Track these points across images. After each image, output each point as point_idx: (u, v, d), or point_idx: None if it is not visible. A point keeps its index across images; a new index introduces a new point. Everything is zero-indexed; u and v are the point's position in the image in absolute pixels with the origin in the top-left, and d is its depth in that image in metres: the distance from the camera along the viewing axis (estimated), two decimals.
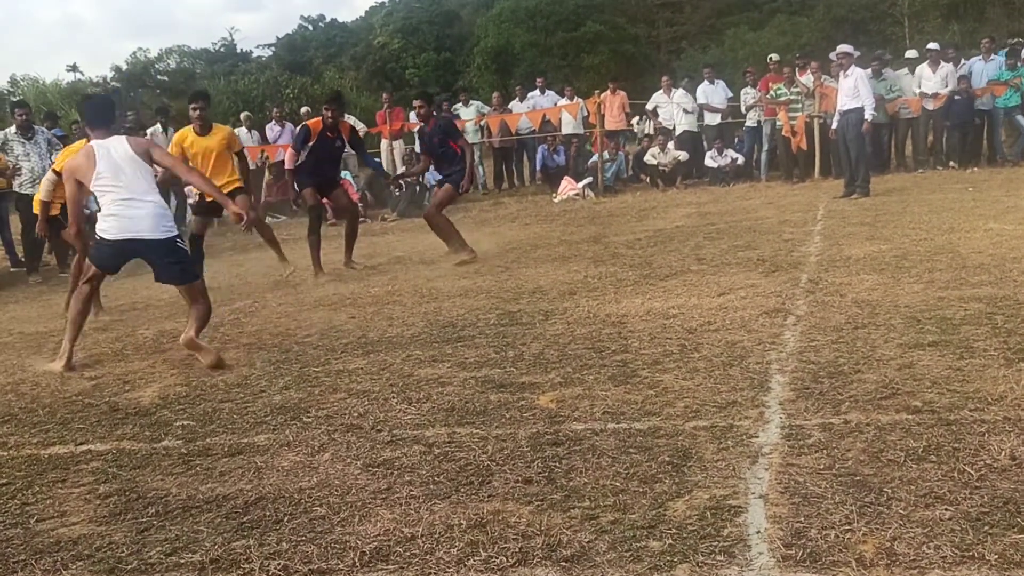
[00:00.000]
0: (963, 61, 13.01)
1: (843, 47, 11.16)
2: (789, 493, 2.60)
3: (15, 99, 19.43)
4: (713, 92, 13.93)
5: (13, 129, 9.98)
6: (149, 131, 12.58)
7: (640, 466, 2.89)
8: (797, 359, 3.95)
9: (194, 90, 8.83)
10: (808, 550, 2.24)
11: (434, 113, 8.65)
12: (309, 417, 3.72)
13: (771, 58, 14.23)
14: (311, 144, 8.02)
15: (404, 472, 3.01)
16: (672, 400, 3.54)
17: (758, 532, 2.36)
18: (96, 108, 5.61)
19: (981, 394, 3.27)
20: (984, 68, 12.52)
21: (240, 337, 5.55)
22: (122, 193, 4.87)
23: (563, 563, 2.29)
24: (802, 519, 2.43)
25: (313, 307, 6.37)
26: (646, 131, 14.43)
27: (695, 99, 13.93)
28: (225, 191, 6.80)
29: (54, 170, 6.89)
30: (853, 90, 10.49)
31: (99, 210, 5.03)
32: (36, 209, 7.23)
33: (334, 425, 3.58)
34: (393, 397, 3.90)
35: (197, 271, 5.27)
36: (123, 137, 5.13)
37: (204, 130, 7.38)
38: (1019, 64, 12.28)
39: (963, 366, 3.62)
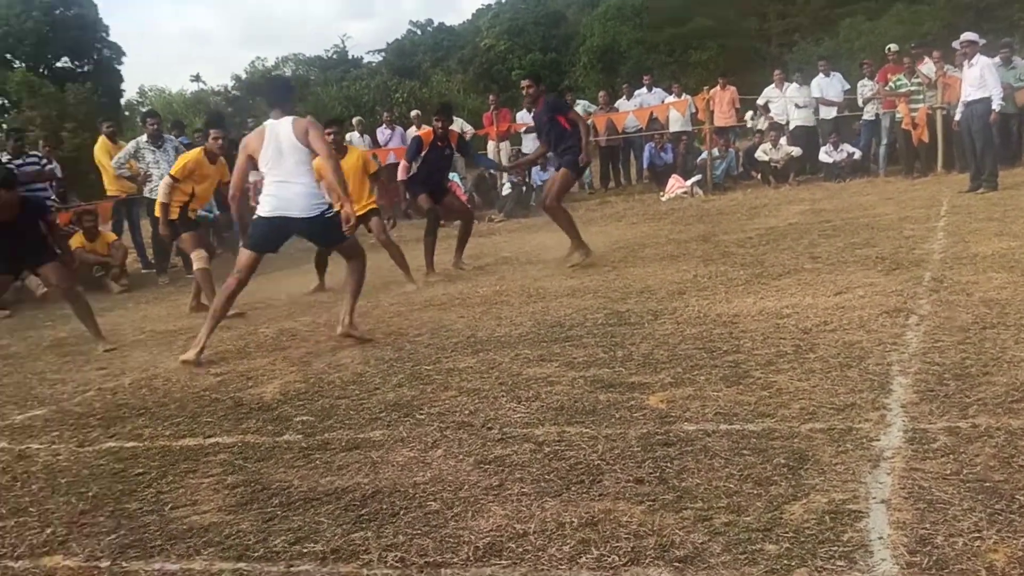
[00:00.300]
0: None
1: (967, 35, 10.67)
2: (913, 498, 2.51)
3: (144, 109, 20.46)
4: (829, 85, 13.51)
5: (144, 138, 10.52)
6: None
7: (754, 468, 2.84)
8: (920, 360, 3.80)
9: (328, 119, 9.17)
10: (934, 558, 2.16)
11: (543, 92, 8.60)
12: (422, 414, 3.80)
13: (889, 48, 13.69)
14: (423, 154, 8.26)
15: (515, 469, 3.05)
16: (787, 402, 3.46)
17: (880, 538, 2.29)
18: (275, 87, 6.12)
19: None
20: None
21: (343, 347, 5.70)
22: (279, 175, 5.31)
23: (676, 564, 2.27)
24: (927, 526, 2.34)
25: (423, 307, 6.50)
26: (759, 126, 14.09)
27: (810, 92, 13.54)
28: (361, 212, 7.34)
29: (171, 175, 7.23)
30: (979, 80, 10.02)
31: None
32: (156, 212, 7.52)
33: (446, 422, 3.65)
34: (503, 396, 3.95)
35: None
36: (291, 119, 5.40)
37: (340, 153, 7.60)
38: None
39: None
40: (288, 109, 5.53)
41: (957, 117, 10.53)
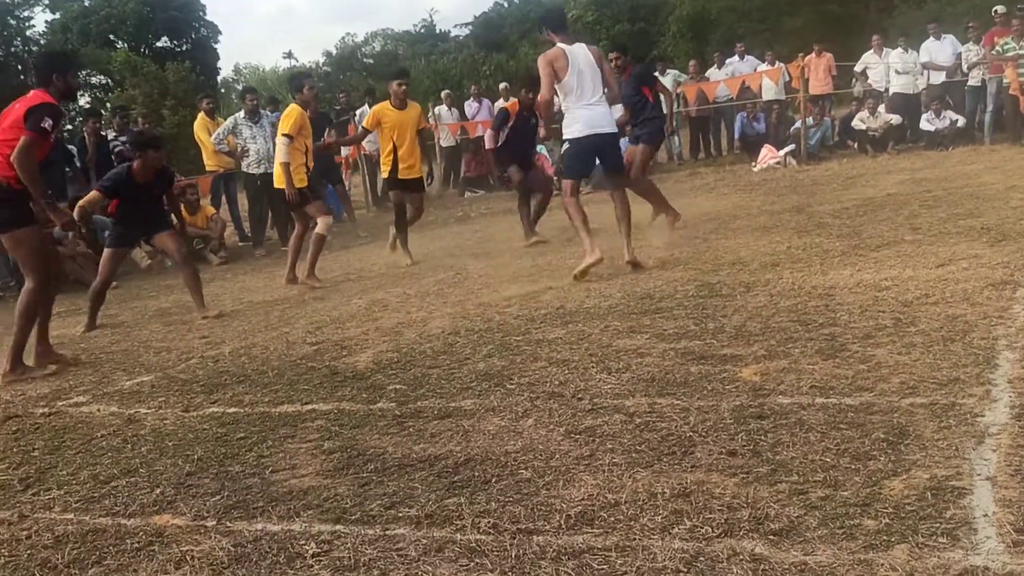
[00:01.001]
0: None
1: None
2: (1021, 476, 2.42)
3: (243, 86, 20.93)
4: (939, 49, 12.91)
5: (242, 114, 10.83)
6: (358, 112, 13.26)
7: (852, 442, 2.78)
8: None
9: (397, 67, 9.44)
10: None
11: (631, 63, 8.61)
12: (512, 384, 3.83)
13: (996, 10, 13.02)
14: (510, 124, 8.52)
15: (606, 440, 3.05)
16: (886, 376, 3.36)
17: (985, 515, 2.22)
18: (552, 17, 6.52)
19: None
20: None
21: (445, 307, 5.78)
22: (585, 97, 5.97)
23: (771, 536, 2.25)
24: None
25: (511, 279, 6.53)
26: (856, 94, 13.61)
27: (916, 58, 12.98)
28: (417, 176, 8.15)
29: (284, 133, 7.33)
30: None
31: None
32: (279, 183, 7.42)
33: (536, 392, 3.68)
34: (593, 367, 3.95)
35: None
36: (583, 45, 6.07)
37: (403, 105, 7.89)
38: None
39: None
40: (572, 36, 6.12)
41: None
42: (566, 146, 6.27)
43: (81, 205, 6.52)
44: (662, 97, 8.23)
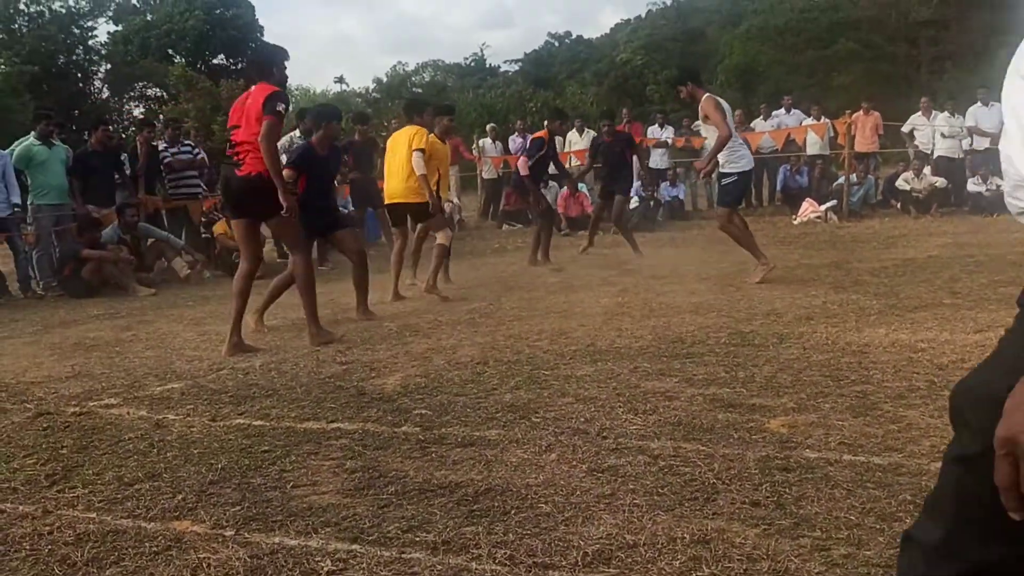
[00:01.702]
0: None
1: None
2: None
3: (301, 107, 21.18)
4: (986, 115, 12.84)
5: (297, 132, 11.03)
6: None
7: (878, 502, 2.74)
8: None
9: (446, 103, 9.73)
10: None
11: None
12: (537, 417, 3.83)
13: None
14: (542, 153, 9.61)
15: (628, 480, 3.03)
16: (916, 437, 3.32)
17: None
18: (695, 73, 8.01)
19: None
20: None
21: (475, 336, 5.80)
22: (738, 137, 7.69)
23: None
24: None
25: (544, 313, 6.54)
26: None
27: (962, 122, 12.92)
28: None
29: (419, 148, 7.61)
30: None
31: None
32: (419, 191, 7.65)
33: (561, 428, 3.67)
34: (620, 406, 3.93)
35: None
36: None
37: (445, 139, 8.18)
38: None
39: None
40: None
41: None
42: (734, 178, 7.58)
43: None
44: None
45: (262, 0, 65.72)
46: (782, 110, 15.05)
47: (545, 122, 9.35)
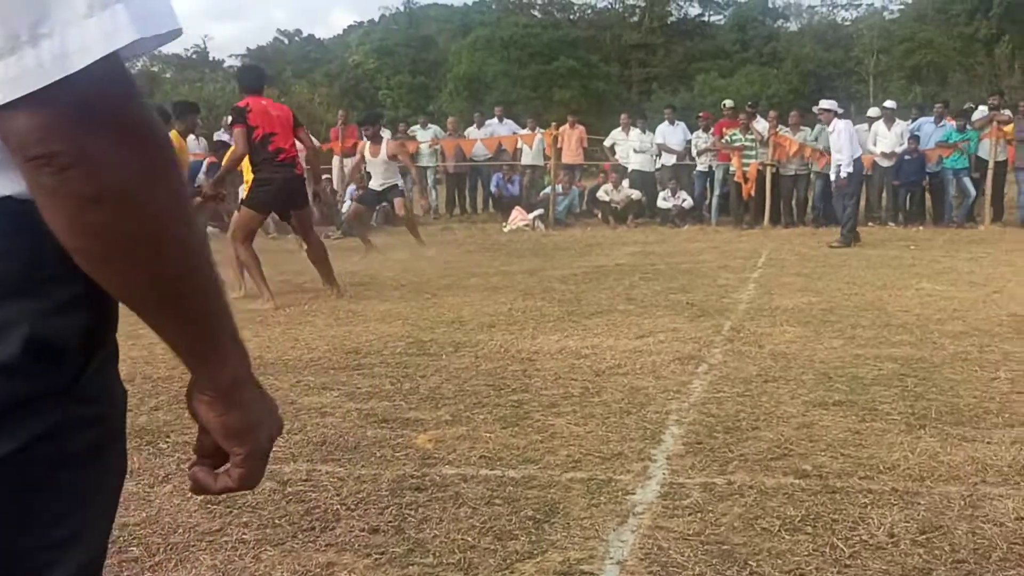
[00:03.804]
0: (911, 121, 13.09)
1: (824, 103, 11.07)
2: (649, 560, 2.39)
3: None
4: (672, 133, 13.87)
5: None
6: None
7: (500, 520, 2.66)
8: (698, 411, 3.76)
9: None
10: None
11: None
12: (166, 443, 3.44)
13: (725, 104, 14.28)
14: None
15: (244, 512, 2.75)
16: (556, 447, 3.32)
17: None
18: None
19: (874, 461, 3.09)
20: (933, 131, 12.60)
21: (130, 351, 5.22)
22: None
23: None
24: None
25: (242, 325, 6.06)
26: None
27: (652, 139, 13.88)
28: None
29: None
30: (839, 144, 10.47)
31: None
32: None
33: (188, 453, 3.26)
34: None
35: None
36: None
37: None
38: (968, 127, 12.38)
39: (863, 429, 3.45)
40: None
41: (833, 176, 10.72)
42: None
43: None
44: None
45: None
46: (495, 119, 15.42)
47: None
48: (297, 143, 6.92)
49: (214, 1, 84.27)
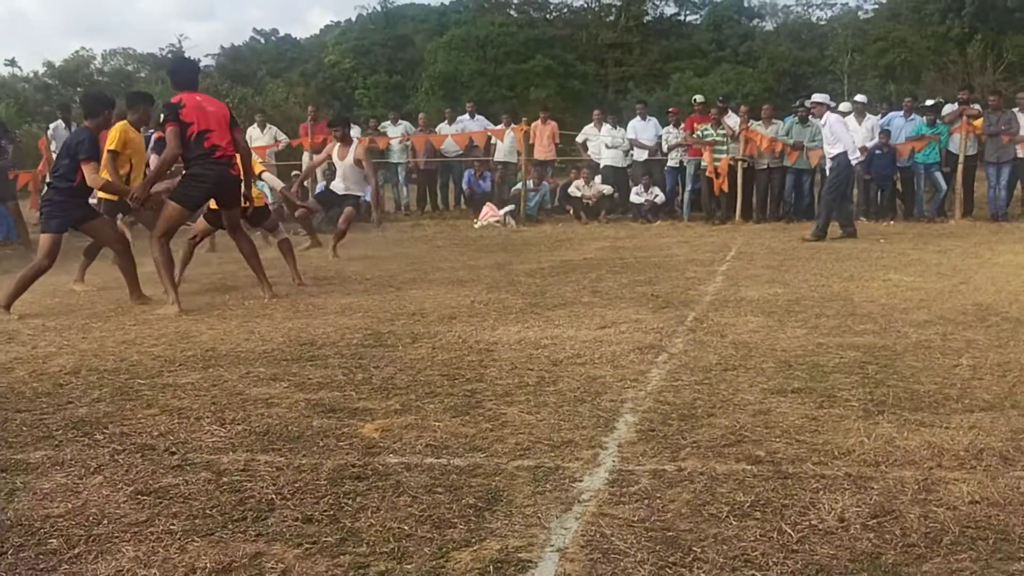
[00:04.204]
0: (882, 116, 13.08)
1: (817, 96, 11.04)
2: (591, 547, 2.30)
3: None
4: (643, 128, 13.79)
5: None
6: (51, 126, 12.03)
7: (439, 508, 2.56)
8: (654, 399, 3.68)
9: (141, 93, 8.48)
10: None
11: None
12: (102, 434, 3.32)
13: (696, 99, 14.24)
14: None
15: (175, 502, 2.64)
16: (505, 436, 3.22)
17: None
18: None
19: (829, 446, 3.02)
20: (903, 125, 12.61)
21: (81, 342, 5.09)
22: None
23: None
24: None
25: (175, 316, 5.92)
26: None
27: (623, 134, 13.81)
28: None
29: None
30: (832, 136, 10.40)
31: None
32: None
33: (125, 444, 3.19)
34: (207, 417, 3.52)
35: None
36: None
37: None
38: (938, 121, 12.41)
39: (820, 415, 3.38)
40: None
41: (827, 167, 10.71)
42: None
43: None
44: None
45: None
46: (466, 115, 15.30)
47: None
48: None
49: (189, 1, 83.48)
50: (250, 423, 3.43)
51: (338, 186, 9.23)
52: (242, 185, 6.52)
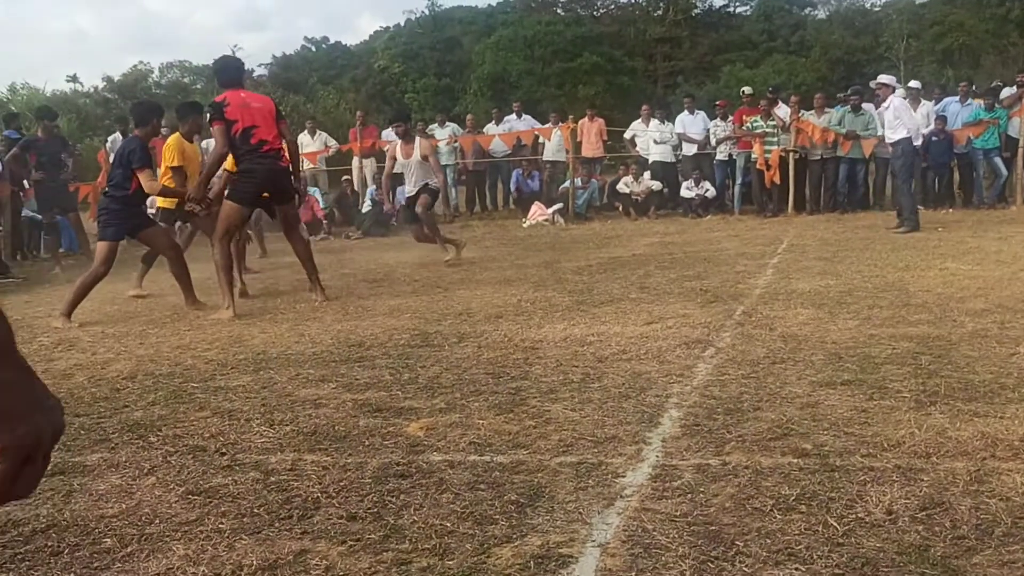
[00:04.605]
0: (936, 102, 12.76)
1: (882, 77, 10.62)
2: (632, 542, 2.29)
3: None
4: (692, 122, 13.68)
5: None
6: (109, 139, 12.36)
7: (481, 505, 2.58)
8: (700, 393, 3.65)
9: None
10: None
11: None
12: (156, 436, 3.40)
13: (744, 91, 14.05)
14: None
15: (224, 501, 2.70)
16: (549, 432, 3.23)
17: None
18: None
19: (879, 439, 2.96)
20: (960, 111, 12.29)
21: (138, 348, 5.23)
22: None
23: None
24: (634, 573, 2.12)
25: (228, 321, 6.04)
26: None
27: (672, 129, 13.70)
28: None
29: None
30: (895, 120, 9.96)
31: None
32: None
33: (177, 446, 3.26)
34: (257, 418, 3.59)
35: None
36: None
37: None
38: (997, 105, 12.07)
39: (870, 407, 3.32)
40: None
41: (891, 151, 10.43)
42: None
43: None
44: None
45: None
46: (513, 115, 15.33)
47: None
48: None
49: (242, 13, 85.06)
50: (298, 424, 3.49)
51: (408, 190, 8.83)
52: (292, 178, 6.59)
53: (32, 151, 10.24)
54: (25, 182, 10.93)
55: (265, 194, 6.56)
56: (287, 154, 6.52)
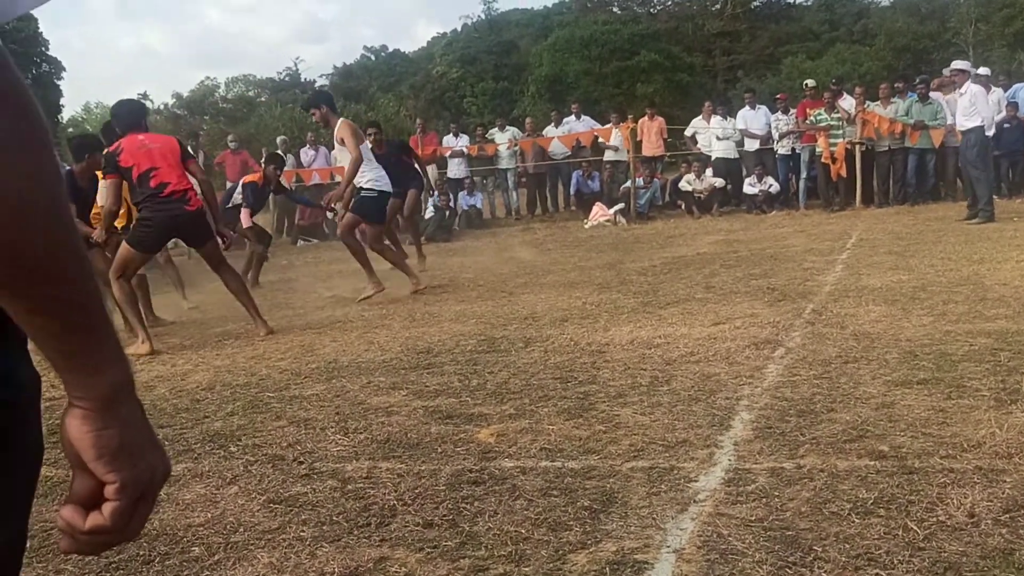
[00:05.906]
0: (1005, 89, 12.37)
1: (957, 63, 10.40)
2: (708, 548, 2.29)
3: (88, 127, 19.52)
4: (754, 117, 13.51)
5: None
6: None
7: (555, 511, 2.60)
8: (771, 395, 3.61)
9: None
10: None
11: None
12: (236, 446, 3.50)
13: (807, 84, 13.82)
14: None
15: (304, 509, 2.77)
16: (619, 437, 3.23)
17: None
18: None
19: (958, 439, 2.90)
20: None
21: (215, 359, 5.38)
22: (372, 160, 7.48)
23: None
24: None
25: (301, 330, 6.18)
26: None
27: (734, 124, 13.55)
28: None
29: None
30: (971, 108, 9.71)
31: None
32: None
33: (257, 455, 3.36)
34: (331, 427, 3.67)
35: None
36: None
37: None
38: None
39: (948, 407, 3.25)
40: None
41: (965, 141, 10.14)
42: (374, 195, 7.31)
43: None
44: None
45: (50, 12, 61.17)
46: (572, 116, 15.33)
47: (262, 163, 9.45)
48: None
49: (303, 26, 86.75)
50: (371, 432, 3.56)
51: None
52: (206, 217, 6.15)
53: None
54: None
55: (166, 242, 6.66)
56: (198, 194, 6.05)
